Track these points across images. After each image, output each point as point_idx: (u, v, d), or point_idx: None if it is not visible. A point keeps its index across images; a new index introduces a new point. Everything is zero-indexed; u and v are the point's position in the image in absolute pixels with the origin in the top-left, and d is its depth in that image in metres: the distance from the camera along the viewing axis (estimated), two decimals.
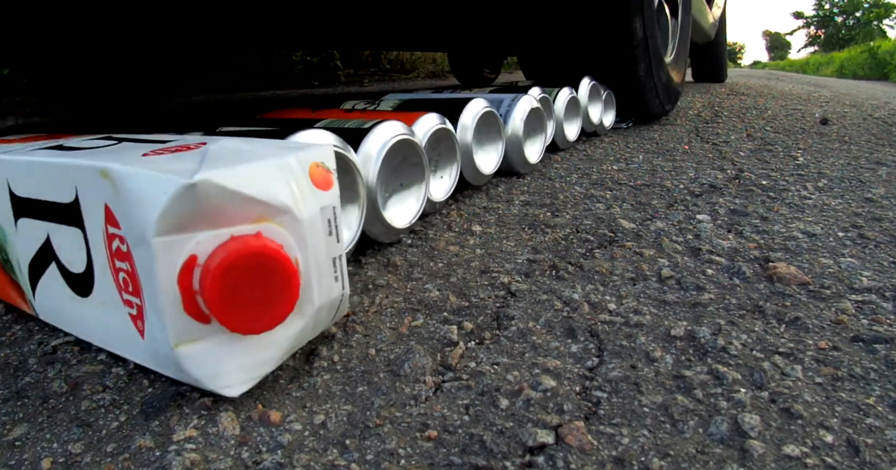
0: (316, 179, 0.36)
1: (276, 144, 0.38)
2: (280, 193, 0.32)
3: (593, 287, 0.49)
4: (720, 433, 0.31)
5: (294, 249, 0.33)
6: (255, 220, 0.31)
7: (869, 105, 2.15)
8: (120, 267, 0.33)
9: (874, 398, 0.34)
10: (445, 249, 0.59)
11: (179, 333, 0.31)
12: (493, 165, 0.82)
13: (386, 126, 0.57)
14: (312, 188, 0.35)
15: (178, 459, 0.29)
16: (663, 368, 0.37)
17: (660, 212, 0.71)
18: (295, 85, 3.60)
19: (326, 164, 0.37)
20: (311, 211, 0.34)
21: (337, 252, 0.37)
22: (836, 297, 0.47)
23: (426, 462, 0.29)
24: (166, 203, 0.29)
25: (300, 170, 0.34)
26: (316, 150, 0.37)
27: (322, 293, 0.36)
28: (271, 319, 0.31)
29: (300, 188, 0.34)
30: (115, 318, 0.35)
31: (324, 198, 0.36)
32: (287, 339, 0.34)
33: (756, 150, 1.13)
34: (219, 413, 0.33)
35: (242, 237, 0.30)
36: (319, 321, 0.37)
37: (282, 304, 0.31)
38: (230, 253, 0.29)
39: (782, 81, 4.57)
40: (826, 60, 11.63)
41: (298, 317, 0.34)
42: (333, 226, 0.36)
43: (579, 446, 0.30)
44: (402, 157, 0.59)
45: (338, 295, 0.37)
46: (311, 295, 0.35)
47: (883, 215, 0.68)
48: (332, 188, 0.37)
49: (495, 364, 0.38)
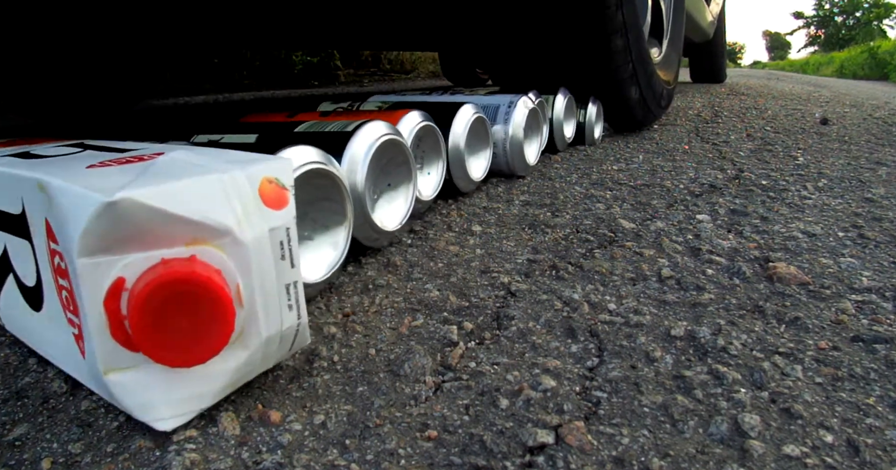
0: (267, 197, 0.32)
1: (232, 157, 0.35)
2: (219, 213, 0.29)
3: (593, 287, 0.49)
4: (720, 433, 0.31)
5: (234, 274, 0.30)
6: (190, 243, 0.29)
7: (869, 105, 2.15)
8: (62, 284, 0.31)
9: (874, 398, 0.34)
10: (445, 249, 0.59)
11: (108, 360, 0.29)
12: (482, 170, 0.80)
13: (371, 127, 0.55)
14: (261, 207, 0.32)
15: (178, 459, 0.29)
16: (663, 368, 0.37)
17: (660, 212, 0.71)
18: (295, 85, 3.60)
19: (281, 180, 0.34)
20: (257, 233, 0.31)
21: (292, 278, 0.34)
22: (836, 297, 0.47)
23: (426, 462, 0.29)
24: (86, 222, 0.27)
25: (248, 186, 0.32)
26: (270, 164, 0.34)
27: (271, 324, 0.32)
28: (202, 353, 0.29)
29: (245, 207, 0.31)
30: (62, 335, 0.34)
31: (275, 218, 0.32)
32: (227, 372, 0.31)
33: (756, 150, 1.13)
34: (219, 413, 0.33)
35: (173, 261, 0.28)
36: (270, 353, 0.34)
37: (214, 336, 0.28)
38: (155, 278, 0.27)
39: (782, 81, 4.58)
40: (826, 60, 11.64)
41: (241, 349, 0.31)
42: (287, 249, 0.33)
43: (579, 446, 0.30)
44: (389, 157, 0.58)
45: (292, 325, 0.34)
46: (256, 326, 0.31)
47: (883, 215, 0.68)
48: (285, 207, 0.33)
49: (495, 364, 0.38)
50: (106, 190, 0.27)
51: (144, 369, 0.29)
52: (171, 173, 0.30)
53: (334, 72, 3.94)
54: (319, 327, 0.43)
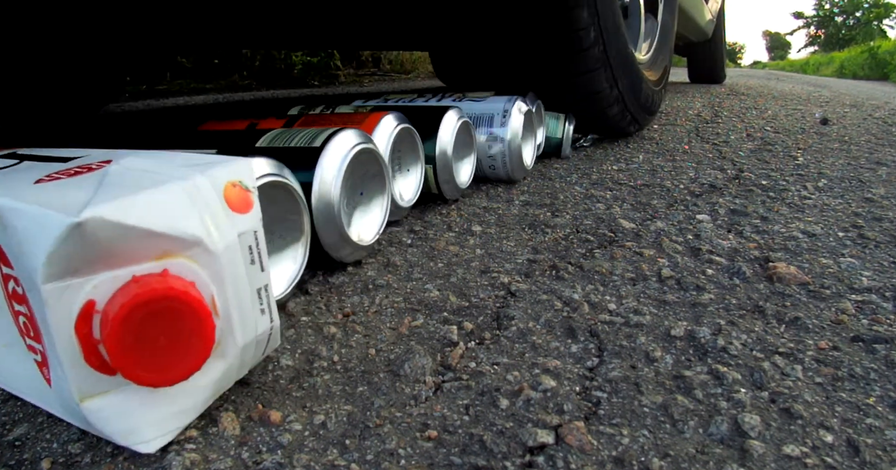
0: (232, 201, 0.31)
1: (187, 161, 0.33)
2: (188, 223, 0.28)
3: (593, 287, 0.49)
4: (720, 433, 0.31)
5: (209, 285, 0.29)
6: (160, 257, 0.28)
7: (869, 105, 2.15)
8: (19, 310, 0.29)
9: (874, 398, 0.34)
10: (445, 249, 0.59)
11: (83, 387, 0.27)
12: (468, 176, 0.77)
13: (341, 138, 0.51)
14: (228, 212, 0.31)
15: (179, 460, 0.29)
16: (663, 368, 0.37)
17: (660, 212, 0.71)
18: (295, 85, 3.60)
19: (245, 183, 0.33)
20: (227, 239, 0.30)
21: (262, 282, 0.33)
22: (836, 297, 0.47)
23: (426, 462, 0.29)
24: (52, 246, 0.25)
25: (212, 192, 0.30)
26: (231, 167, 0.32)
27: (247, 331, 0.32)
28: (185, 369, 0.27)
29: (213, 214, 0.30)
30: (22, 363, 0.32)
31: (242, 222, 0.31)
32: (208, 385, 0.31)
33: (756, 150, 1.13)
34: (219, 413, 0.33)
35: (145, 277, 0.27)
36: (246, 361, 0.33)
37: (196, 351, 0.27)
38: (130, 297, 0.25)
39: (782, 81, 4.58)
40: (826, 60, 11.64)
41: (220, 360, 0.31)
42: (256, 253, 0.32)
43: (579, 446, 0.30)
44: (363, 168, 0.54)
45: (266, 329, 0.33)
46: (233, 335, 0.31)
47: (883, 215, 0.68)
48: (251, 210, 0.32)
49: (495, 364, 0.38)
50: (68, 209, 0.26)
51: (123, 392, 0.28)
52: (130, 184, 0.29)
53: (334, 72, 3.95)
54: (319, 327, 0.43)
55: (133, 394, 0.28)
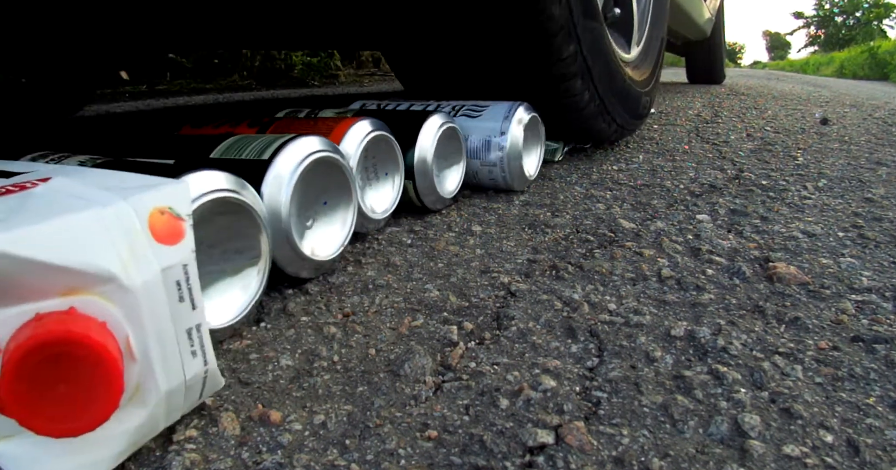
0: (159, 231, 0.28)
1: (120, 182, 0.30)
2: (99, 257, 0.26)
3: (593, 287, 0.49)
4: (720, 433, 0.31)
5: (122, 325, 0.26)
6: (65, 293, 0.25)
7: (869, 105, 2.15)
8: None
9: (874, 398, 0.34)
10: (445, 249, 0.59)
11: None
12: (455, 186, 0.73)
13: (291, 150, 0.47)
14: (152, 243, 0.28)
15: (179, 459, 0.29)
16: (663, 368, 0.37)
17: (660, 212, 0.71)
18: (295, 85, 3.61)
19: (176, 209, 0.29)
20: (147, 275, 0.27)
21: (193, 321, 0.30)
22: (836, 297, 0.47)
23: (426, 462, 0.29)
24: None
25: (135, 220, 0.27)
26: (162, 191, 0.29)
27: (172, 376, 0.29)
28: (90, 420, 0.25)
29: (131, 246, 0.27)
30: None
31: (169, 255, 0.28)
32: (126, 434, 0.28)
33: (756, 150, 1.13)
34: (219, 413, 0.33)
35: (47, 317, 0.24)
36: (174, 407, 0.30)
37: (101, 400, 0.25)
38: (26, 339, 0.23)
39: (782, 81, 4.58)
40: (826, 60, 11.64)
41: (139, 407, 0.28)
42: (185, 289, 0.29)
43: (579, 446, 0.30)
44: (324, 179, 0.50)
45: (198, 372, 0.30)
46: (154, 380, 0.28)
47: (883, 215, 0.68)
48: (181, 241, 0.29)
49: (495, 364, 0.38)
50: None
51: (30, 437, 0.25)
52: (45, 210, 0.26)
53: (334, 72, 3.95)
54: (319, 327, 0.43)
55: (41, 440, 0.25)
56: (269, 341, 0.41)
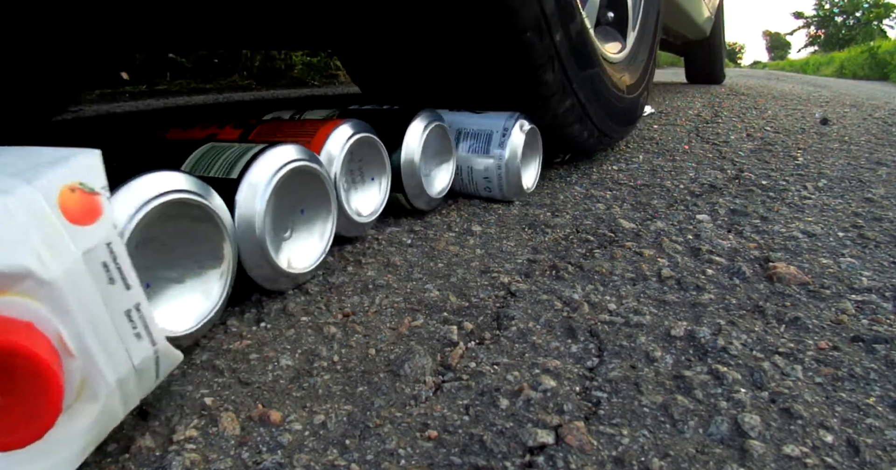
0: (72, 211, 0.25)
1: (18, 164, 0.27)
2: (9, 252, 0.23)
3: (593, 287, 0.49)
4: (720, 433, 0.31)
5: (51, 322, 0.24)
6: None
7: (869, 105, 2.15)
8: None
9: (874, 398, 0.34)
10: (445, 249, 0.59)
11: None
12: (443, 186, 0.71)
13: (274, 154, 0.46)
14: (66, 226, 0.25)
15: (179, 460, 0.29)
16: (663, 368, 0.37)
17: (660, 212, 0.71)
18: (295, 85, 3.61)
19: (88, 184, 0.27)
20: (67, 262, 0.25)
21: (130, 302, 0.28)
22: (836, 297, 0.47)
23: (426, 462, 0.29)
24: None
25: (43, 204, 0.25)
26: (68, 166, 0.26)
27: (119, 363, 0.27)
28: (33, 430, 0.23)
29: (44, 234, 0.24)
30: None
31: (88, 235, 0.26)
32: (83, 431, 0.26)
33: (756, 150, 1.13)
34: (219, 413, 0.33)
35: None
36: (129, 394, 0.28)
37: (41, 407, 0.23)
38: None
39: (782, 81, 4.58)
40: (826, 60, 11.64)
41: (90, 403, 0.26)
42: (115, 269, 0.27)
43: (579, 446, 0.30)
44: (299, 186, 0.48)
45: (147, 355, 0.29)
46: (98, 373, 0.26)
47: (883, 215, 0.68)
48: (100, 217, 0.26)
49: (495, 364, 0.38)
50: None
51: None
52: None
53: (334, 72, 3.95)
54: (319, 327, 0.43)
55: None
56: (269, 341, 0.41)
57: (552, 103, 0.78)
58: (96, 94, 2.76)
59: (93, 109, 2.14)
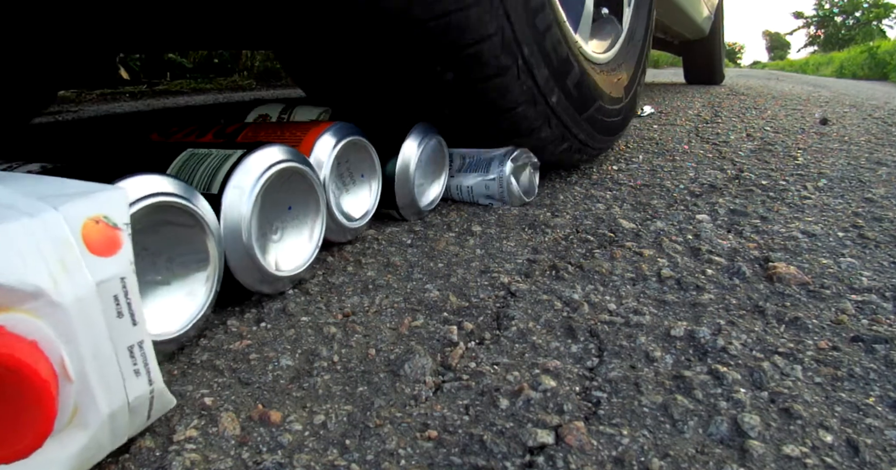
0: (93, 242, 0.27)
1: (45, 189, 0.28)
2: (26, 270, 0.24)
3: (593, 287, 0.49)
4: (720, 433, 0.31)
5: (55, 344, 0.25)
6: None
7: (869, 105, 2.15)
8: None
9: (874, 398, 0.34)
10: (445, 249, 0.59)
11: None
12: (434, 196, 0.71)
13: (259, 155, 0.45)
14: (86, 255, 0.26)
15: (179, 460, 0.29)
16: (663, 368, 0.37)
17: (660, 212, 0.71)
18: (295, 85, 3.60)
19: (112, 218, 0.28)
20: (80, 289, 0.25)
21: (135, 338, 0.28)
22: (836, 297, 0.47)
23: (426, 462, 0.29)
24: None
25: (66, 230, 0.26)
26: (96, 198, 0.28)
27: (114, 396, 0.27)
28: (22, 447, 0.23)
29: (62, 259, 0.25)
30: None
31: (105, 267, 0.27)
32: (68, 458, 0.26)
33: (756, 150, 1.13)
34: (219, 413, 0.33)
35: None
36: (119, 429, 0.28)
37: (33, 424, 0.23)
38: None
39: (782, 81, 4.58)
40: (826, 60, 11.64)
41: (80, 430, 0.26)
42: (124, 304, 0.28)
43: (579, 446, 0.30)
44: (285, 190, 0.48)
45: (143, 393, 0.29)
46: (94, 401, 0.26)
47: (883, 215, 0.68)
48: (118, 251, 0.27)
49: (495, 364, 0.38)
50: None
51: None
52: None
53: None
54: (319, 327, 0.43)
55: None
56: (269, 341, 0.41)
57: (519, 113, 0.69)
58: (96, 94, 2.76)
59: (93, 109, 2.14)
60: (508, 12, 0.62)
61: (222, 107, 2.13)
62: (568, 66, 0.75)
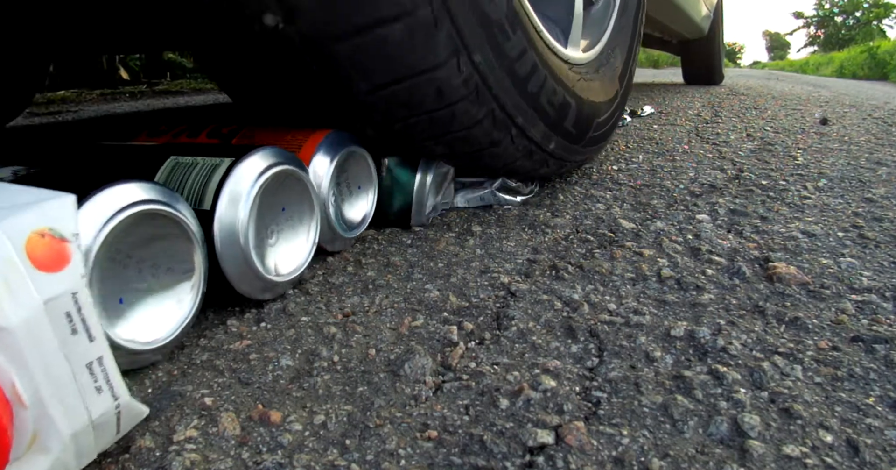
0: (39, 257, 0.25)
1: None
2: None
3: (593, 287, 0.49)
4: (720, 433, 0.31)
5: (5, 370, 0.23)
6: None
7: (869, 105, 2.15)
8: None
9: (874, 398, 0.34)
10: (445, 249, 0.59)
11: None
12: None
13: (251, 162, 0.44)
14: (31, 272, 0.25)
15: (179, 460, 0.29)
16: (663, 368, 0.37)
17: (660, 212, 0.71)
18: None
19: (58, 230, 0.26)
20: (27, 310, 0.24)
21: (93, 355, 0.27)
22: (836, 297, 0.47)
23: (426, 462, 0.29)
24: None
25: (8, 248, 0.24)
26: (40, 210, 0.26)
27: (75, 417, 0.26)
28: None
29: (5, 278, 0.24)
30: None
31: (52, 284, 0.25)
32: None
33: (756, 150, 1.13)
34: (219, 413, 0.33)
35: None
36: (84, 449, 0.27)
37: None
38: None
39: (782, 81, 4.58)
40: (826, 60, 11.64)
41: (41, 455, 0.25)
42: (78, 320, 0.26)
43: (579, 446, 0.30)
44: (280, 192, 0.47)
45: (108, 409, 0.28)
46: (52, 424, 0.25)
47: (883, 215, 0.68)
48: (67, 265, 0.26)
49: (495, 364, 0.38)
50: None
51: None
52: None
53: None
54: (319, 327, 0.43)
55: None
56: (269, 341, 0.41)
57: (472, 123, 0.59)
58: (96, 94, 2.76)
59: (93, 110, 2.14)
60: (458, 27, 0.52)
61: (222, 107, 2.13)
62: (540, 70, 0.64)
